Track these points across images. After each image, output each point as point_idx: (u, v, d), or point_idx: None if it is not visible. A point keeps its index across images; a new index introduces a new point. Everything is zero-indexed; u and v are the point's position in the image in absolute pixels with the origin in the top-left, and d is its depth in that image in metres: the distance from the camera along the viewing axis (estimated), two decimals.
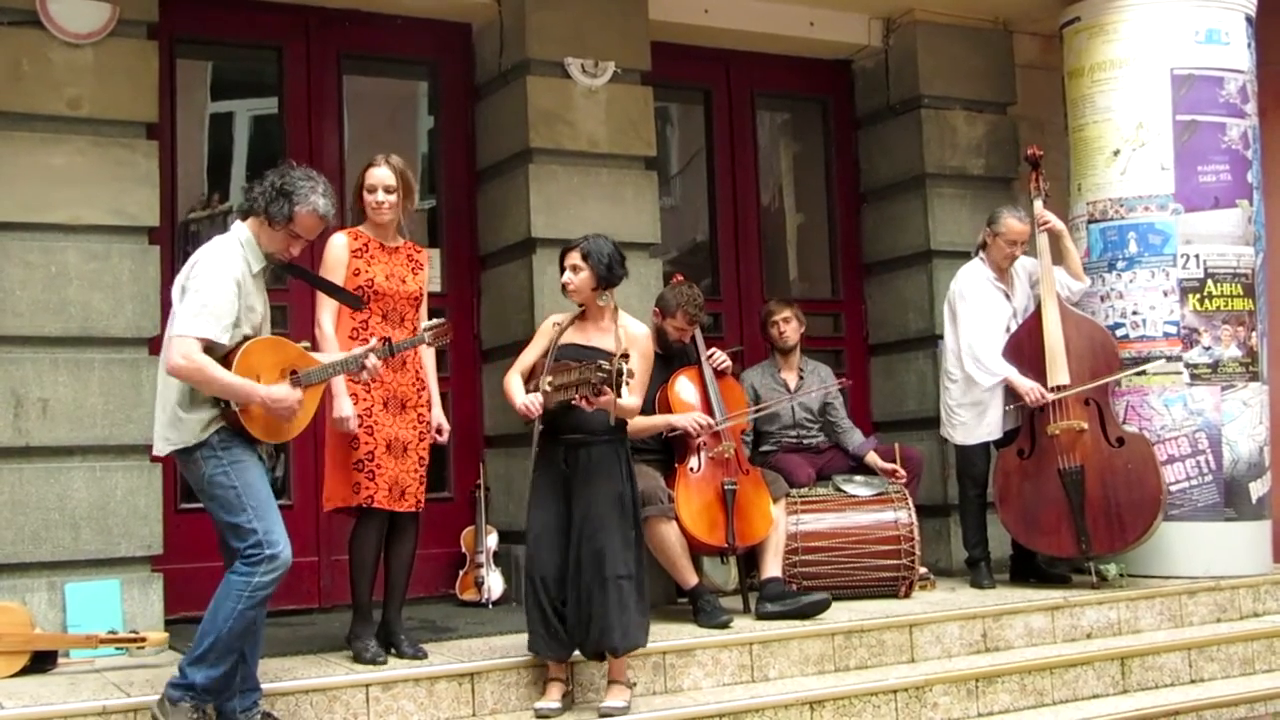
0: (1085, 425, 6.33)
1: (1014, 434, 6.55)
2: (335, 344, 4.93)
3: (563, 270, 4.92)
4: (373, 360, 4.47)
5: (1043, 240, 6.60)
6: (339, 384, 4.91)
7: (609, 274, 4.87)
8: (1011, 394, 6.48)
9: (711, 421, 5.85)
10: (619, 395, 4.47)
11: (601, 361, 4.50)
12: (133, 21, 5.74)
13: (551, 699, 4.79)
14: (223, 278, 4.16)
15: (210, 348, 4.10)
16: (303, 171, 4.33)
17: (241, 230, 4.32)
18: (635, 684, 4.87)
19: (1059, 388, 6.34)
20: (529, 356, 5.01)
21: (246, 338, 4.21)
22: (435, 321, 4.99)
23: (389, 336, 4.75)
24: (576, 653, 4.85)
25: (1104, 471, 6.29)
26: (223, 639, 4.08)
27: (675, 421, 5.83)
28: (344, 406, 4.92)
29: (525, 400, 4.77)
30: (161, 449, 4.30)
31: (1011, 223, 6.57)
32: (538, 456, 4.89)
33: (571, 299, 4.96)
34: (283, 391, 4.17)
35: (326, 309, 5.02)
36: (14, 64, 5.52)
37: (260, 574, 4.09)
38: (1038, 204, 6.66)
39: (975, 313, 6.58)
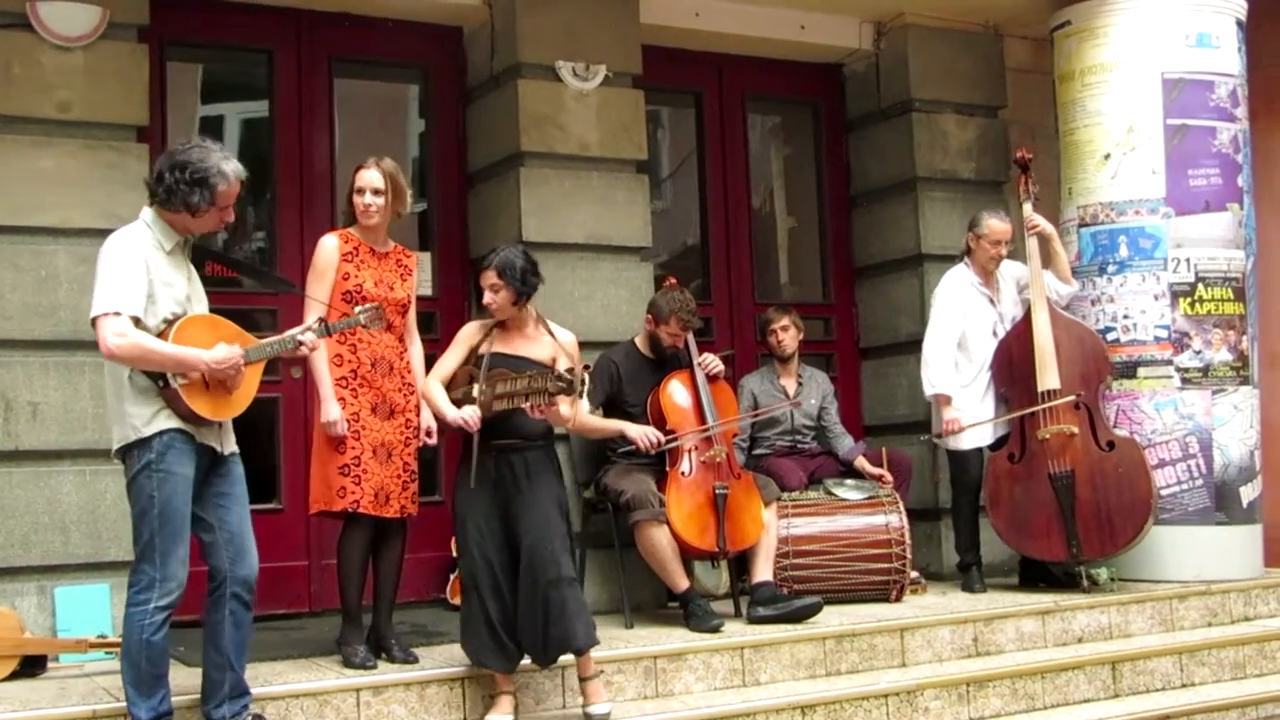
0: (1075, 430, 6.33)
1: (1005, 438, 6.56)
2: (322, 345, 4.89)
3: (481, 292, 4.94)
4: (310, 338, 4.43)
5: (1032, 244, 6.60)
6: (327, 387, 4.93)
7: (525, 286, 4.93)
8: (1001, 406, 6.52)
9: (662, 438, 5.81)
10: (581, 398, 4.51)
11: (562, 371, 4.54)
12: (123, 24, 5.73)
13: (504, 712, 4.70)
14: (123, 254, 4.11)
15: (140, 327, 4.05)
16: (196, 150, 4.19)
17: (146, 213, 4.25)
18: (602, 672, 4.84)
19: (1049, 393, 6.34)
20: (448, 363, 5.02)
21: (176, 316, 4.15)
22: (370, 305, 4.89)
23: (325, 317, 4.70)
24: (567, 657, 4.82)
25: (1094, 475, 6.30)
26: (144, 671, 4.07)
27: (628, 432, 5.81)
28: (332, 410, 4.92)
29: (461, 415, 4.76)
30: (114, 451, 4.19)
31: (993, 224, 6.58)
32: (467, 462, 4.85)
33: (496, 317, 5.00)
34: (223, 351, 4.11)
35: (315, 314, 4.99)
36: (4, 66, 5.51)
37: (155, 600, 4.04)
38: (1027, 207, 6.67)
39: (942, 320, 6.60)
